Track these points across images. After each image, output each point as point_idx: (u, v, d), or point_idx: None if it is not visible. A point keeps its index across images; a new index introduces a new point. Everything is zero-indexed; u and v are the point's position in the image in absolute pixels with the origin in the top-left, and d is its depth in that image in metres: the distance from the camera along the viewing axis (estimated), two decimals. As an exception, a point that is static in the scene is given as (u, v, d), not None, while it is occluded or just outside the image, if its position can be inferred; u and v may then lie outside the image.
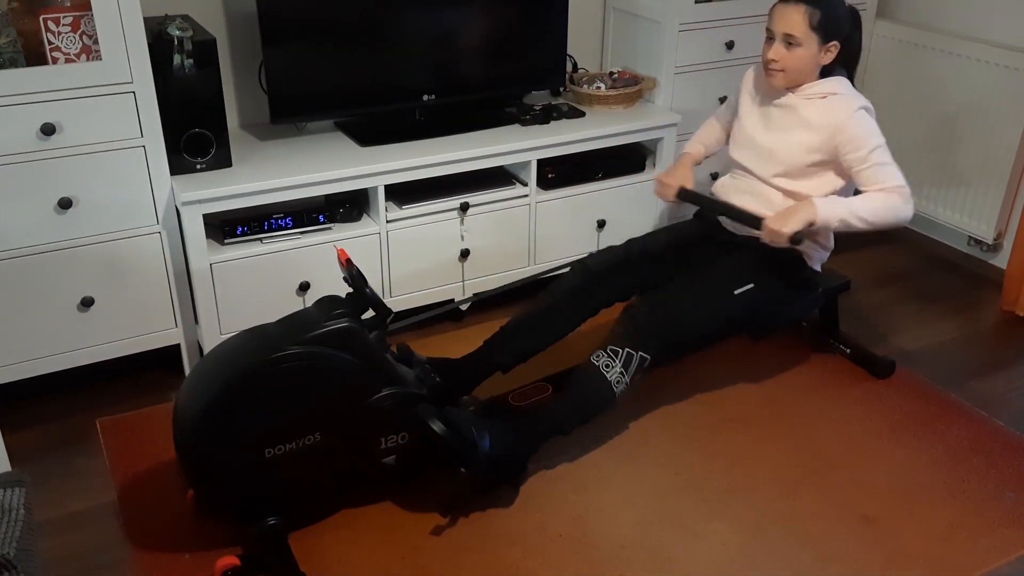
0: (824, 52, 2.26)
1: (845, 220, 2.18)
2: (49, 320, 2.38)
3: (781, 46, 2.25)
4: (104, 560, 1.99)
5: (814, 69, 2.29)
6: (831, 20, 2.22)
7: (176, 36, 2.33)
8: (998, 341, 2.92)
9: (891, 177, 2.22)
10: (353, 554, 2.01)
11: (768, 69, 2.30)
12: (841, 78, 2.32)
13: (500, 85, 3.02)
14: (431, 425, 1.95)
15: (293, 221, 2.58)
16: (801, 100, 2.31)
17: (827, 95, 2.29)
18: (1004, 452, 2.36)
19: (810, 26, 2.21)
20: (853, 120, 2.24)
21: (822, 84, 2.30)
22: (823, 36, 2.23)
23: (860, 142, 2.22)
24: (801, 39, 2.22)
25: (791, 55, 2.24)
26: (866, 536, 2.08)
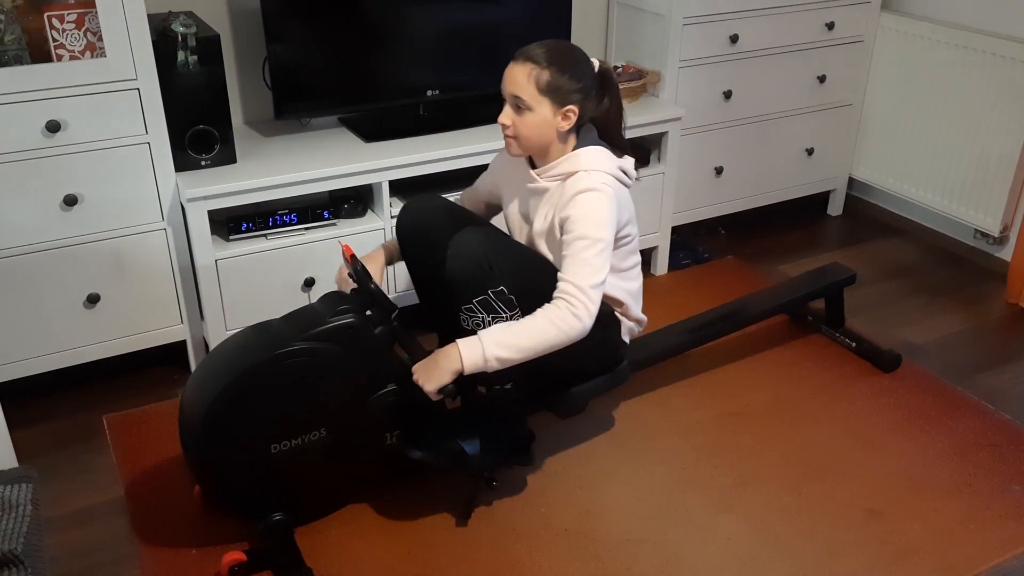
0: (561, 117, 1.96)
1: (502, 358, 1.86)
2: (55, 317, 2.38)
3: (511, 110, 1.98)
4: (111, 556, 2.00)
5: (552, 136, 1.99)
6: (563, 82, 1.93)
7: (180, 33, 2.33)
8: (1004, 334, 2.91)
9: (572, 274, 1.90)
10: (359, 549, 2.01)
11: (504, 136, 2.03)
12: (592, 150, 2.02)
13: (504, 80, 3.01)
14: (411, 457, 1.96)
15: (298, 217, 2.58)
16: (549, 183, 2.04)
17: (568, 175, 2.00)
18: (1011, 445, 2.36)
19: (538, 89, 1.93)
20: (579, 199, 1.95)
21: (566, 161, 2.01)
22: (556, 100, 1.94)
23: (573, 224, 1.93)
24: (530, 103, 1.93)
25: (522, 121, 1.96)
26: (872, 530, 2.08)
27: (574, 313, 1.88)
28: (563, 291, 1.91)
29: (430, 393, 1.88)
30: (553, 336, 1.88)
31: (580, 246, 1.92)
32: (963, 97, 3.20)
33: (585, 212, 1.94)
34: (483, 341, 1.87)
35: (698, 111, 3.15)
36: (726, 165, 3.30)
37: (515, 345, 1.87)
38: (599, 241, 1.93)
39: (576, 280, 1.90)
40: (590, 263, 1.92)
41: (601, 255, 1.93)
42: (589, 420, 2.42)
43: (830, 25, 3.29)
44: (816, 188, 3.61)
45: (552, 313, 1.89)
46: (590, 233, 1.92)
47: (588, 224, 1.93)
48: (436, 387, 1.87)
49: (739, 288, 3.00)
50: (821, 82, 3.37)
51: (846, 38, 3.36)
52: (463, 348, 1.87)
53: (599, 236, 1.93)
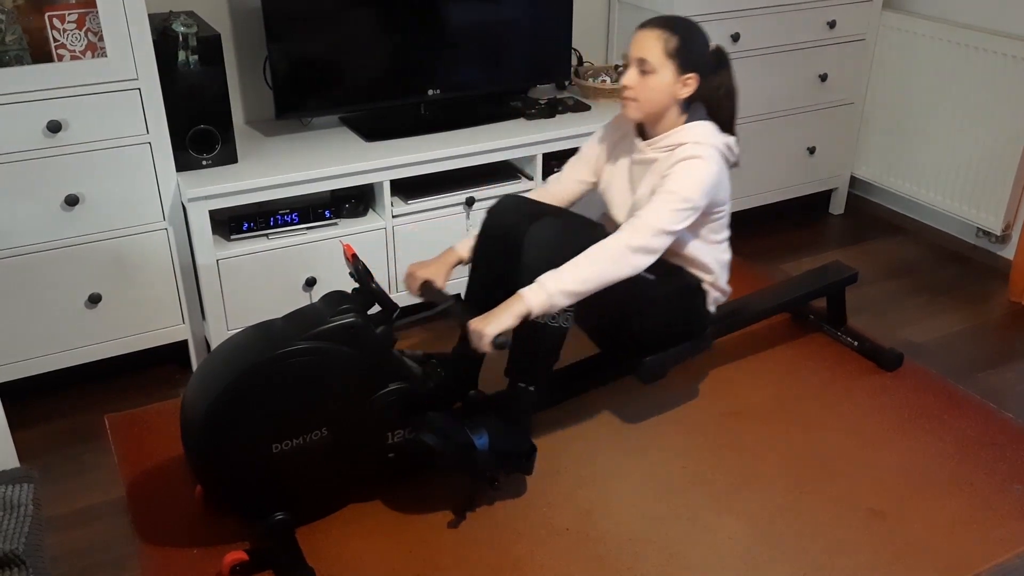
0: (681, 84, 2.07)
1: (568, 291, 1.94)
2: (57, 317, 2.39)
3: (635, 72, 2.07)
4: (113, 556, 2.00)
5: (669, 102, 2.09)
6: (688, 50, 2.04)
7: (181, 32, 2.34)
8: (1006, 333, 2.91)
9: (647, 212, 2.00)
10: (361, 549, 2.01)
11: (622, 97, 2.11)
12: (702, 123, 2.12)
13: (505, 79, 3.02)
14: (423, 439, 1.95)
15: (299, 217, 2.58)
16: (658, 154, 2.13)
17: (676, 146, 2.09)
18: (1012, 444, 2.35)
19: (665, 53, 2.03)
20: (683, 163, 2.04)
21: (677, 133, 2.11)
22: (679, 65, 2.05)
23: (668, 180, 2.04)
24: (655, 65, 2.04)
25: (644, 83, 2.06)
26: (874, 529, 2.08)
27: (631, 245, 1.98)
28: (631, 223, 2.01)
29: (487, 341, 1.90)
30: (612, 270, 1.97)
31: (665, 198, 2.02)
32: (965, 95, 3.19)
33: (682, 174, 2.04)
34: (545, 282, 1.94)
35: (699, 110, 3.14)
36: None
37: (577, 276, 1.94)
38: (686, 201, 2.02)
39: (646, 218, 2.01)
40: (667, 211, 2.01)
41: (681, 212, 2.02)
42: (590, 420, 2.42)
43: (831, 24, 3.28)
44: (818, 187, 3.61)
45: (613, 247, 1.98)
46: (681, 190, 2.02)
47: (682, 183, 2.03)
48: (497, 331, 1.90)
49: (740, 287, 2.98)
50: (823, 81, 3.37)
51: (847, 36, 3.36)
52: (527, 293, 1.94)
53: (688, 196, 2.02)
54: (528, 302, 1.93)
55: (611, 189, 2.27)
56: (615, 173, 2.26)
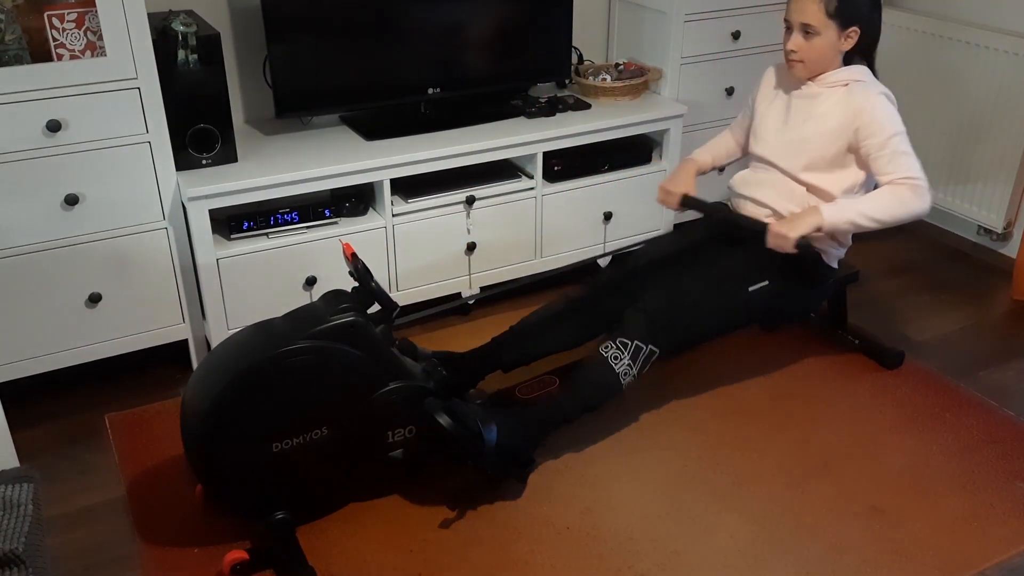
0: (844, 39, 2.22)
1: (854, 222, 2.17)
2: (57, 316, 2.38)
3: (799, 36, 2.22)
4: (113, 555, 2.00)
5: (835, 57, 2.25)
6: (848, 5, 2.18)
7: (180, 32, 2.33)
8: (1008, 331, 2.90)
9: (905, 168, 2.18)
10: (361, 548, 2.01)
11: (789, 60, 2.27)
12: (862, 67, 2.29)
13: (505, 78, 3.01)
14: (437, 418, 1.95)
15: (299, 216, 2.58)
16: (823, 89, 2.28)
17: (849, 82, 2.25)
18: (1014, 442, 2.35)
19: (827, 14, 2.17)
20: (873, 105, 2.21)
21: (843, 72, 2.27)
22: (841, 23, 2.19)
23: (879, 127, 2.19)
24: (819, 27, 2.19)
25: (810, 45, 2.22)
26: (876, 527, 2.08)
27: (917, 193, 2.16)
28: (907, 178, 2.16)
29: (791, 242, 2.13)
30: (901, 215, 2.17)
31: (895, 143, 2.19)
32: (966, 92, 3.19)
33: (884, 113, 2.21)
34: (843, 207, 2.17)
35: (700, 108, 3.14)
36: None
37: (872, 217, 2.16)
38: (904, 134, 2.21)
39: (910, 171, 2.17)
40: (910, 154, 2.20)
41: (909, 145, 2.21)
42: (590, 419, 2.41)
43: (832, 21, 3.27)
44: (819, 185, 3.60)
45: (902, 195, 2.16)
46: (898, 128, 2.20)
47: (892, 123, 2.20)
48: (797, 236, 2.12)
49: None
50: (823, 79, 3.36)
51: (848, 34, 3.34)
52: (826, 210, 2.16)
53: (902, 130, 2.21)
54: (825, 216, 2.14)
55: (764, 124, 2.40)
56: (770, 110, 2.40)
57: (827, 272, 2.44)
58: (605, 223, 3.02)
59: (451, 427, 1.95)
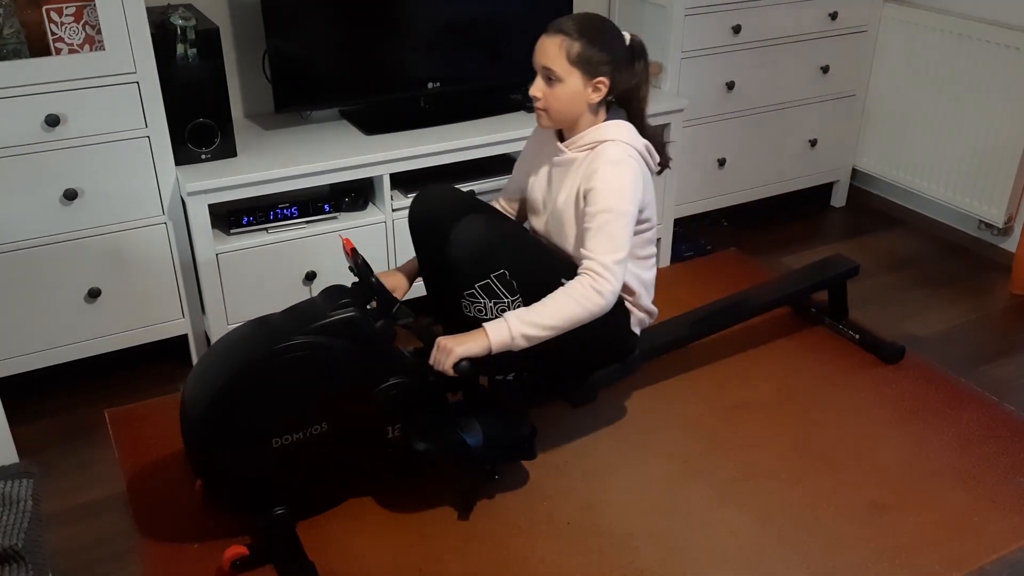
0: (591, 89, 1.96)
1: (528, 336, 1.87)
2: (56, 311, 2.38)
3: (542, 82, 1.98)
4: (113, 551, 2.00)
5: (582, 108, 1.99)
6: (594, 53, 1.93)
7: (179, 26, 2.32)
8: (1008, 325, 2.90)
9: (596, 249, 1.91)
10: (361, 543, 2.01)
11: (534, 108, 2.03)
12: (620, 124, 2.03)
13: (505, 72, 3.00)
14: (414, 447, 1.95)
15: (299, 210, 2.57)
16: (575, 153, 2.04)
17: (597, 144, 2.00)
18: (1015, 437, 2.35)
19: (569, 60, 1.93)
20: (605, 170, 1.94)
21: (595, 131, 2.01)
22: (586, 71, 1.94)
23: (597, 195, 1.93)
24: (561, 74, 1.93)
25: (553, 93, 1.96)
26: (876, 523, 2.07)
27: (597, 290, 1.89)
28: (587, 267, 1.91)
29: (447, 369, 1.87)
30: (577, 313, 1.89)
31: (603, 219, 1.92)
32: (967, 87, 3.18)
33: (610, 184, 1.94)
34: (508, 320, 1.88)
35: (701, 102, 3.14)
36: (729, 157, 3.29)
37: (540, 323, 1.88)
38: (623, 215, 1.93)
39: (599, 256, 1.91)
40: (613, 237, 1.92)
41: (624, 229, 1.94)
42: (591, 413, 2.41)
43: (833, 15, 3.27)
44: (819, 179, 3.60)
45: (575, 290, 1.90)
46: (614, 206, 1.92)
47: (612, 196, 1.93)
48: (456, 360, 1.86)
49: (742, 280, 2.99)
50: (824, 72, 3.35)
51: (849, 28, 3.34)
52: (489, 328, 1.88)
53: (623, 209, 1.93)
54: (492, 339, 1.87)
55: (533, 195, 2.17)
56: (537, 178, 2.16)
57: (628, 337, 2.20)
58: (605, 218, 3.01)
59: (430, 450, 1.95)
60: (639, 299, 2.16)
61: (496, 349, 1.88)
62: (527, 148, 2.28)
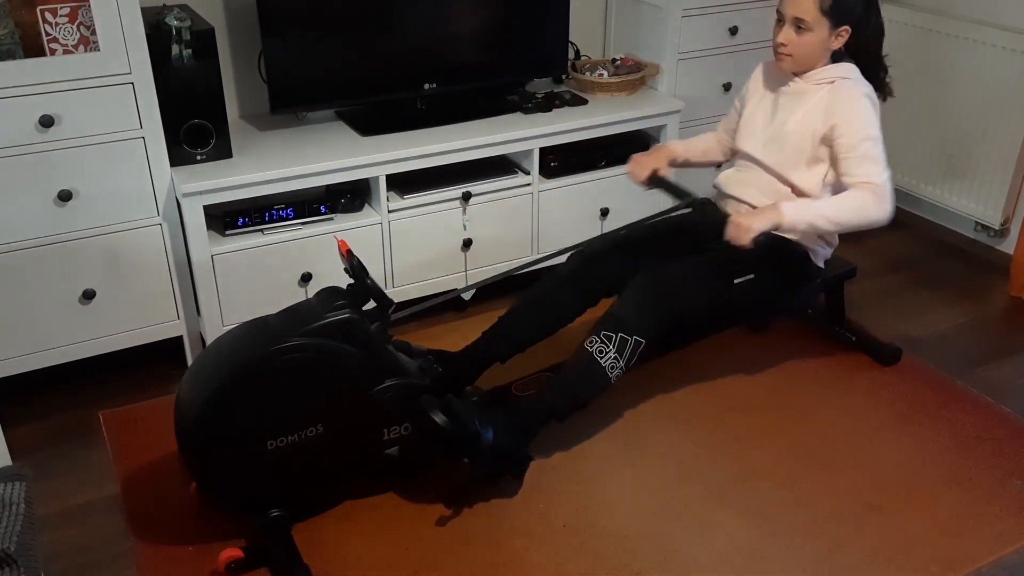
0: (835, 37, 2.20)
1: (812, 223, 2.16)
2: (50, 313, 2.37)
3: (791, 30, 2.20)
4: (107, 553, 1.99)
5: (824, 54, 2.24)
6: (842, 4, 2.16)
7: (174, 26, 2.32)
8: (1005, 327, 2.90)
9: (870, 173, 2.15)
10: (356, 545, 2.00)
11: (777, 53, 2.25)
12: (851, 65, 2.27)
13: (502, 73, 3.00)
14: (433, 416, 1.94)
15: (294, 212, 2.57)
16: (809, 86, 2.26)
17: (835, 80, 2.23)
18: (1011, 439, 2.35)
19: (820, 10, 2.15)
20: (853, 104, 2.19)
21: (831, 69, 2.25)
22: (834, 21, 2.17)
23: (853, 128, 2.18)
24: (811, 23, 2.16)
25: (800, 40, 2.20)
26: (872, 525, 2.07)
27: (879, 202, 2.14)
28: (869, 184, 2.14)
29: (751, 236, 2.08)
30: (858, 219, 2.16)
31: (866, 147, 2.16)
32: (963, 89, 3.18)
33: (860, 115, 2.18)
34: (801, 207, 2.15)
35: (697, 103, 3.13)
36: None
37: (831, 219, 2.16)
38: (878, 139, 2.19)
39: (874, 178, 2.15)
40: (878, 159, 2.17)
41: (882, 151, 2.19)
42: (586, 416, 2.40)
43: (830, 17, 3.26)
44: (816, 181, 3.59)
45: (863, 200, 2.14)
46: (871, 132, 2.18)
47: (867, 125, 2.18)
48: (757, 231, 2.08)
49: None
50: (821, 74, 3.35)
51: (846, 30, 3.34)
52: (786, 208, 2.12)
53: (877, 135, 2.19)
54: (784, 214, 2.11)
55: (751, 121, 2.38)
56: (758, 107, 2.38)
57: (813, 271, 2.42)
58: (602, 219, 3.01)
59: (447, 425, 1.94)
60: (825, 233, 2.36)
61: (787, 225, 2.13)
62: (747, 85, 2.48)
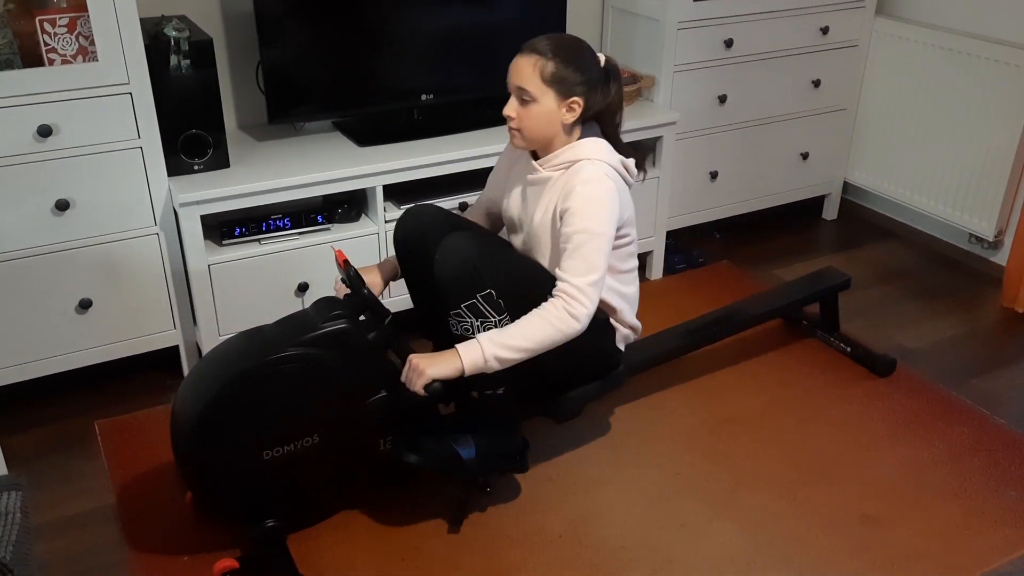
0: (565, 110, 1.95)
1: (500, 358, 1.85)
2: (47, 322, 2.37)
3: (515, 102, 1.98)
4: (102, 563, 1.99)
5: (557, 129, 1.98)
6: (569, 73, 1.92)
7: (173, 37, 2.33)
8: (999, 338, 2.91)
9: (569, 272, 1.89)
10: (352, 556, 2.00)
11: (509, 128, 2.02)
12: (597, 142, 2.01)
13: (499, 84, 2.97)
14: (407, 460, 1.94)
15: (291, 222, 2.57)
16: (550, 172, 2.02)
17: (572, 163, 1.98)
18: (1005, 450, 2.35)
19: (543, 80, 1.92)
20: (584, 189, 1.92)
21: (571, 150, 1.99)
22: (560, 91, 1.93)
23: (574, 216, 1.91)
24: (535, 94, 1.93)
25: (526, 112, 1.96)
26: (867, 536, 2.08)
27: (571, 313, 1.87)
28: (561, 289, 1.89)
29: (418, 389, 1.85)
30: (550, 335, 1.87)
31: (579, 240, 1.90)
32: (957, 101, 3.20)
33: (586, 204, 1.91)
34: (481, 342, 1.86)
35: (693, 115, 3.15)
36: (721, 169, 3.30)
37: (513, 345, 1.86)
38: (599, 236, 1.91)
39: (573, 279, 1.89)
40: (588, 259, 1.90)
41: (600, 251, 1.91)
42: (583, 425, 2.41)
43: (824, 30, 3.29)
44: (811, 192, 3.61)
45: (549, 313, 1.88)
46: (590, 227, 1.90)
47: (589, 217, 1.91)
48: (428, 381, 1.84)
49: (734, 292, 2.99)
50: (816, 86, 3.37)
51: (840, 42, 3.36)
52: (462, 350, 1.86)
53: (600, 231, 1.91)
54: (465, 361, 1.85)
55: (510, 213, 2.16)
56: (512, 198, 2.14)
57: (614, 352, 2.18)
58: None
59: (421, 463, 1.95)
60: (622, 315, 2.14)
61: (469, 371, 1.85)
62: (500, 164, 2.27)
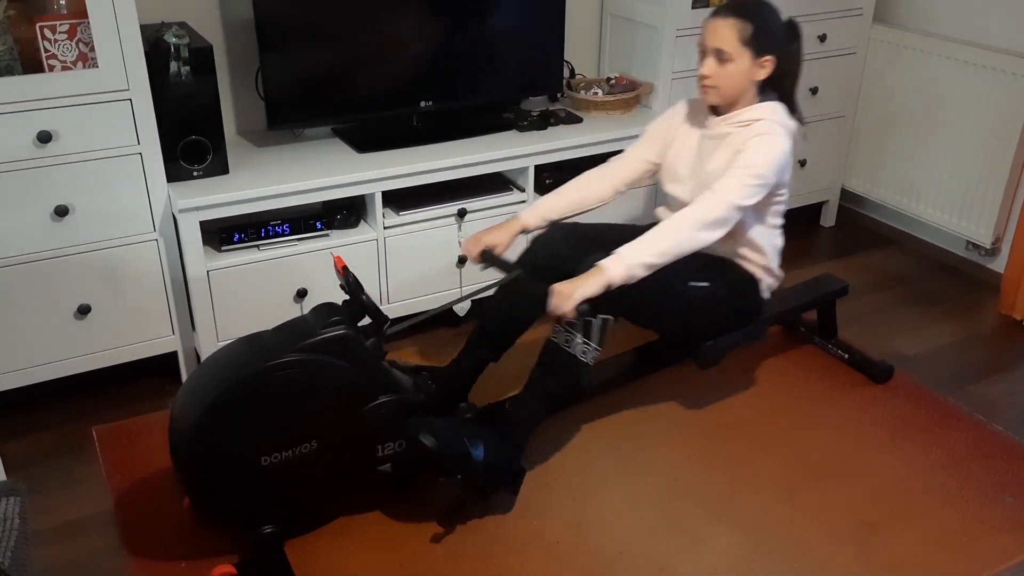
0: (758, 67, 2.14)
1: (644, 263, 2.01)
2: (46, 328, 2.37)
3: (713, 62, 2.13)
4: (100, 569, 1.99)
5: (749, 86, 2.16)
6: (763, 34, 2.10)
7: (173, 43, 2.33)
8: (996, 345, 2.91)
9: (722, 188, 2.07)
10: (350, 562, 2.00)
11: (702, 86, 2.18)
12: (774, 104, 2.20)
13: (497, 91, 3.02)
14: (422, 440, 1.94)
15: (290, 228, 2.58)
16: (731, 128, 2.19)
17: (752, 122, 2.16)
18: (1003, 456, 2.36)
19: (741, 41, 2.09)
20: (759, 142, 2.11)
21: (753, 110, 2.18)
22: (755, 51, 2.11)
23: (743, 156, 2.10)
24: (732, 54, 2.10)
25: (723, 71, 2.13)
26: (865, 542, 2.08)
27: (705, 219, 2.05)
28: (706, 197, 2.08)
29: (572, 305, 1.94)
30: (685, 242, 2.05)
31: (741, 173, 2.08)
32: (955, 109, 3.21)
33: (758, 149, 2.10)
34: (622, 255, 2.00)
35: (691, 122, 3.15)
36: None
37: (657, 252, 2.02)
38: (760, 176, 2.09)
39: (721, 191, 2.07)
40: (741, 185, 2.08)
41: (754, 187, 2.09)
42: (581, 432, 2.41)
43: (822, 37, 3.30)
44: (809, 199, 3.62)
45: (682, 226, 2.06)
46: (754, 166, 2.08)
47: (756, 159, 2.09)
48: (582, 298, 1.95)
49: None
50: (814, 94, 3.38)
51: (838, 50, 3.37)
52: (608, 265, 1.99)
53: (761, 172, 2.09)
54: (609, 273, 1.98)
55: (677, 164, 2.31)
56: (682, 149, 2.31)
57: (760, 303, 2.37)
58: (596, 236, 3.02)
59: (436, 448, 1.95)
60: (771, 264, 2.32)
61: (616, 283, 1.99)
62: (657, 126, 2.39)
